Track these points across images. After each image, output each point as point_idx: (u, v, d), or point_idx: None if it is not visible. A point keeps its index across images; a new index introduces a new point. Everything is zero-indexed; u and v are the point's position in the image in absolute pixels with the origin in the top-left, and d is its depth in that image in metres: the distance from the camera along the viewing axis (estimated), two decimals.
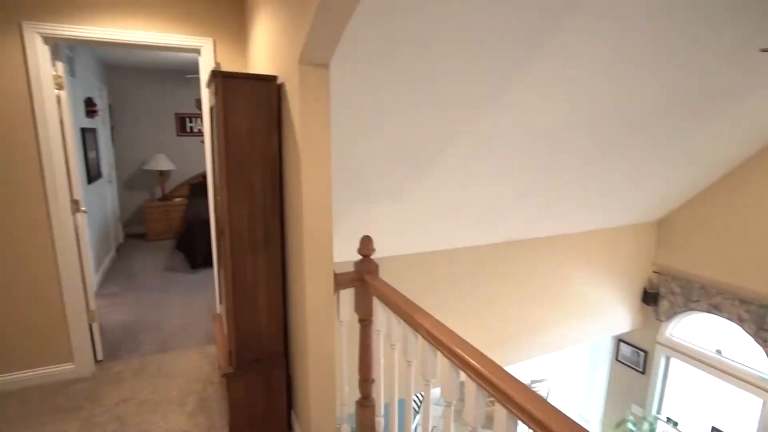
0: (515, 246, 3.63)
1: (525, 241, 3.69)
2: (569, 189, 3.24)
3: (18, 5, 2.33)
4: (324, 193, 1.69)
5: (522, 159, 2.82)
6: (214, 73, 1.74)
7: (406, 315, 1.51)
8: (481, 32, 2.10)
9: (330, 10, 1.34)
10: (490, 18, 2.06)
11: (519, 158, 2.79)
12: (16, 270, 2.57)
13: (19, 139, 2.44)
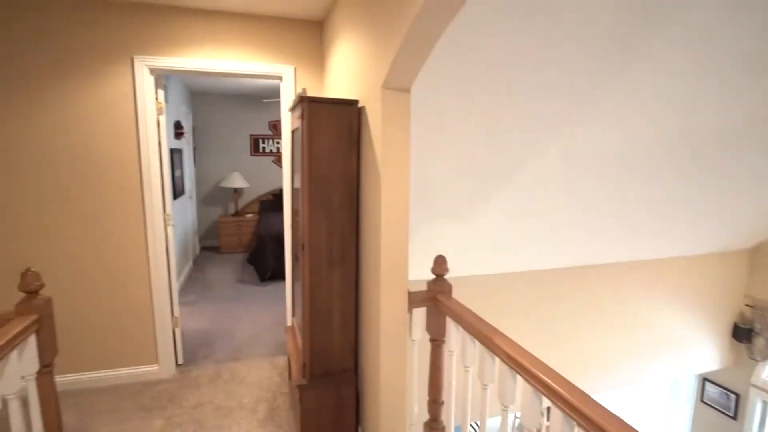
0: (587, 271, 3.47)
1: (598, 266, 3.52)
2: (650, 213, 3.07)
3: (131, 42, 2.64)
4: (402, 213, 1.73)
5: (598, 181, 2.72)
6: (300, 98, 1.86)
7: (484, 337, 1.49)
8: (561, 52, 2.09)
9: (416, 38, 1.40)
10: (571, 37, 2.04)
11: (595, 180, 2.70)
12: (116, 276, 2.84)
13: (125, 158, 2.73)
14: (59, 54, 2.55)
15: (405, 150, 1.70)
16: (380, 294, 1.77)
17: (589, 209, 2.91)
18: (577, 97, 2.33)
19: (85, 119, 2.64)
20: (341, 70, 2.42)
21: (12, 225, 2.63)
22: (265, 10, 2.73)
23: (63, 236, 2.71)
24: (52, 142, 2.61)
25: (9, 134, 2.54)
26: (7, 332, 1.47)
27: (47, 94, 2.56)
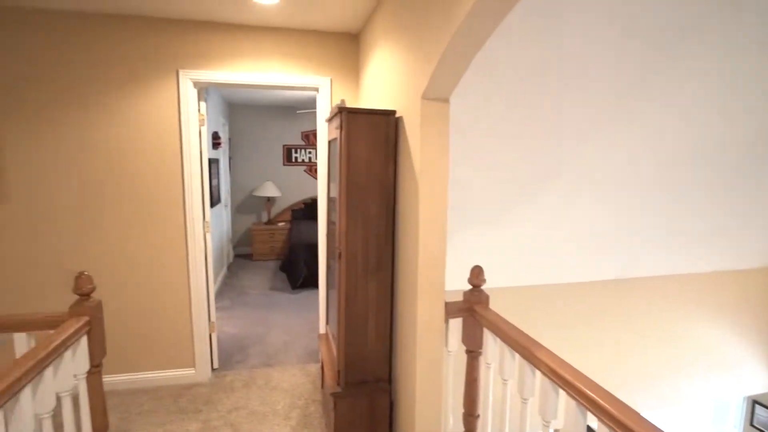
0: (627, 284, 3.35)
1: (639, 279, 3.40)
2: (695, 224, 2.95)
3: (176, 56, 2.76)
4: (440, 223, 1.73)
5: (639, 190, 2.64)
6: (339, 109, 1.89)
7: (524, 350, 1.47)
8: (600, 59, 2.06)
9: (457, 49, 1.41)
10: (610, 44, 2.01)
11: (636, 189, 2.63)
12: (158, 281, 2.94)
13: (169, 167, 2.84)
14: (111, 68, 2.69)
15: (444, 160, 1.71)
16: (417, 303, 1.77)
17: (629, 220, 2.83)
18: (619, 105, 2.29)
19: (133, 129, 2.77)
20: (377, 81, 2.45)
21: (63, 229, 2.77)
22: (303, 24, 2.81)
23: (109, 241, 2.84)
24: (103, 151, 2.75)
25: (64, 143, 2.69)
26: (63, 331, 1.55)
27: (99, 106, 2.71)
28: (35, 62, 2.61)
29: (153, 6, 2.50)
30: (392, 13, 2.07)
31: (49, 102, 2.65)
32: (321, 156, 3.04)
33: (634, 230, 2.90)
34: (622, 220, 2.81)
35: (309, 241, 5.34)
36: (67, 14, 2.60)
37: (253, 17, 2.68)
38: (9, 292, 2.76)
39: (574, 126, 2.29)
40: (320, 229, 3.12)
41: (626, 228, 2.87)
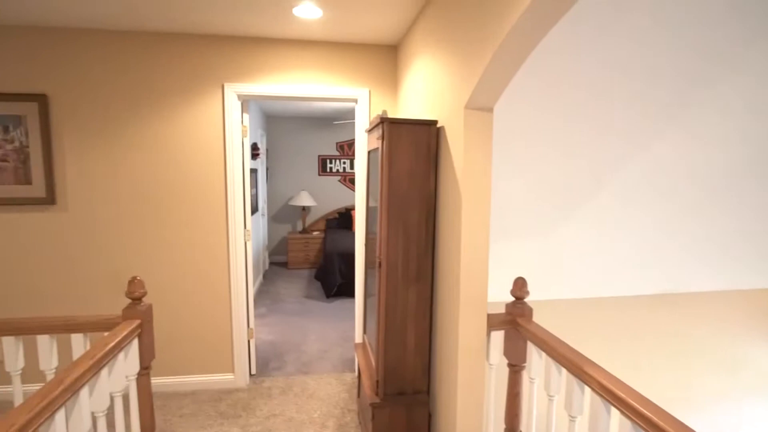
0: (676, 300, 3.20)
1: (684, 295, 3.24)
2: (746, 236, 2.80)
3: (222, 71, 2.87)
4: (482, 234, 1.71)
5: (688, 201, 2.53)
6: (381, 119, 1.91)
7: (572, 365, 1.42)
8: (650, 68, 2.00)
9: (503, 59, 1.40)
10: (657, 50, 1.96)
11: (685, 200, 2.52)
12: (201, 287, 3.03)
13: (213, 176, 2.94)
14: (162, 82, 2.82)
15: (486, 170, 1.69)
16: (459, 315, 1.74)
17: (676, 233, 2.71)
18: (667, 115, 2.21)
19: (181, 141, 2.89)
20: (417, 91, 2.46)
21: (114, 235, 2.90)
22: (343, 37, 2.87)
23: (156, 248, 2.95)
24: (152, 161, 2.88)
25: (117, 154, 2.84)
26: (117, 334, 1.61)
27: (150, 119, 2.84)
28: (92, 78, 2.77)
29: (202, 24, 2.61)
30: (434, 24, 2.08)
31: (104, 116, 2.81)
32: (359, 166, 3.08)
33: (682, 243, 2.78)
34: (668, 232, 2.70)
35: (343, 250, 5.39)
36: (122, 34, 2.75)
37: (295, 31, 2.75)
38: (63, 293, 2.91)
39: (619, 136, 2.23)
40: (357, 239, 3.14)
41: (672, 241, 2.76)
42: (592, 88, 2.01)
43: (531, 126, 2.07)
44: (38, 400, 1.15)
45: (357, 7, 2.32)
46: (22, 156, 2.74)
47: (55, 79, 2.74)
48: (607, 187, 2.37)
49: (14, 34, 2.67)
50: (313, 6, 2.30)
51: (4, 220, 2.80)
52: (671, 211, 2.57)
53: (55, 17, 2.51)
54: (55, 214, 2.84)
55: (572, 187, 2.28)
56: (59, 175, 2.81)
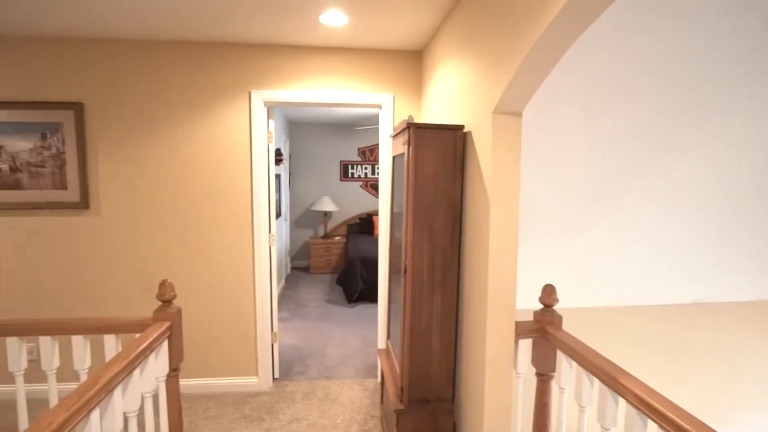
0: (709, 309, 3.08)
1: (720, 304, 3.12)
2: None
3: (249, 79, 2.93)
4: (511, 240, 1.69)
5: (722, 207, 2.45)
6: (407, 125, 1.91)
7: (605, 375, 1.38)
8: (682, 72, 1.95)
9: (535, 62, 1.38)
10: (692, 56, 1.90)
11: (718, 206, 2.43)
12: (227, 291, 3.08)
13: (240, 181, 2.99)
14: (191, 90, 2.90)
15: (515, 176, 1.67)
16: (487, 322, 1.72)
17: (708, 240, 2.62)
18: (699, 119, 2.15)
19: (209, 147, 2.95)
20: (442, 97, 2.46)
21: (142, 238, 2.98)
22: (367, 43, 2.88)
23: (182, 251, 3.01)
24: (181, 166, 2.94)
25: (146, 159, 2.92)
26: (148, 335, 1.65)
27: (179, 125, 2.91)
28: (125, 86, 2.86)
29: (231, 33, 2.67)
30: (461, 28, 2.08)
31: (135, 122, 2.89)
32: (383, 171, 3.08)
33: (718, 250, 2.68)
34: (704, 239, 2.61)
35: (365, 256, 5.39)
36: (154, 43, 2.84)
37: (320, 38, 2.79)
38: (93, 293, 2.99)
39: (653, 139, 2.17)
40: (381, 244, 3.13)
41: (708, 248, 2.66)
42: (625, 89, 1.97)
43: (559, 127, 2.04)
44: (75, 399, 1.18)
45: (383, 14, 2.33)
46: (58, 162, 2.84)
47: (90, 88, 2.83)
48: (639, 191, 2.31)
49: (54, 46, 2.78)
50: (339, 13, 2.32)
51: (41, 223, 2.90)
52: (706, 218, 2.49)
53: (92, 29, 2.61)
54: (88, 217, 2.93)
55: (602, 191, 2.23)
56: (92, 181, 2.90)
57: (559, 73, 1.89)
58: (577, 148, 2.07)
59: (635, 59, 1.90)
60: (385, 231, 3.08)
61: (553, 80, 1.89)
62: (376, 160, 7.25)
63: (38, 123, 2.81)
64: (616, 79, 1.94)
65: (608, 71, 1.90)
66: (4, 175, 2.82)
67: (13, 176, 2.83)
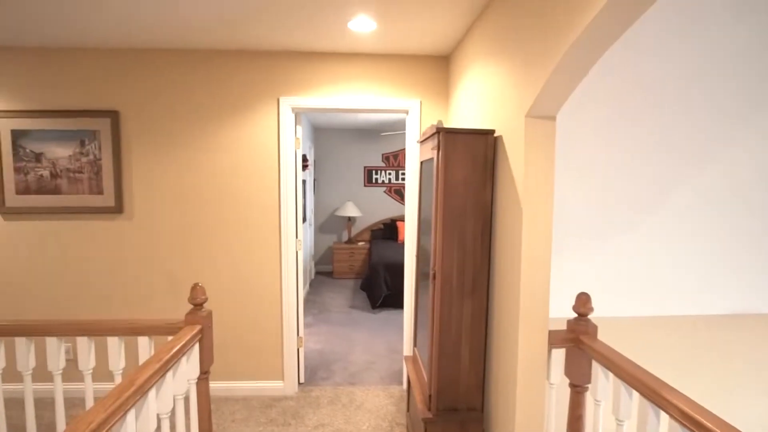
0: (750, 322, 2.94)
1: (761, 316, 2.97)
2: None
3: (278, 85, 2.97)
4: (544, 247, 1.65)
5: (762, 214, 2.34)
6: (437, 129, 1.89)
7: (646, 388, 1.32)
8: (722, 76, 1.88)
9: (570, 65, 1.35)
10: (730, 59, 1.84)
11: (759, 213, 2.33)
12: (254, 295, 3.11)
13: (268, 187, 3.03)
14: (222, 97, 2.96)
15: (549, 181, 1.63)
16: (519, 331, 1.68)
17: (750, 248, 2.50)
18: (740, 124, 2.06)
19: (238, 153, 3.00)
20: (470, 101, 2.43)
21: (173, 242, 3.04)
22: (394, 49, 2.89)
23: (212, 255, 3.07)
24: (211, 172, 3.00)
25: (178, 165, 2.99)
26: (181, 338, 1.67)
27: (210, 132, 2.98)
28: (158, 94, 2.94)
29: (261, 41, 2.71)
30: (492, 31, 2.05)
31: (167, 129, 2.97)
32: (410, 177, 3.07)
33: (757, 260, 2.56)
34: (742, 247, 2.50)
35: (389, 262, 5.38)
36: (187, 52, 2.91)
37: (348, 45, 2.81)
38: (124, 295, 3.07)
39: (690, 143, 2.09)
40: (407, 250, 3.12)
41: (747, 257, 2.54)
42: (661, 94, 1.91)
43: (592, 132, 1.99)
44: (112, 399, 1.20)
45: (412, 19, 2.33)
46: (95, 168, 2.94)
47: (126, 96, 2.93)
48: (675, 197, 2.23)
49: (92, 56, 2.89)
50: (367, 19, 2.33)
51: (78, 227, 3.00)
52: (745, 225, 2.38)
53: (129, 40, 2.69)
54: (122, 222, 3.02)
55: (635, 197, 2.16)
56: (126, 186, 2.98)
57: (592, 76, 1.85)
58: (610, 153, 2.02)
59: (672, 63, 1.85)
60: (411, 237, 3.06)
61: (587, 83, 1.85)
62: (400, 166, 7.25)
63: (77, 131, 2.91)
64: (652, 83, 1.89)
65: (644, 75, 1.85)
66: (45, 180, 2.94)
67: (54, 182, 2.94)
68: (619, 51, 1.69)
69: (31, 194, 2.94)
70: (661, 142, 2.09)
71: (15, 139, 2.90)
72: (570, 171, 2.02)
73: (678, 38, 1.84)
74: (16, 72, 2.89)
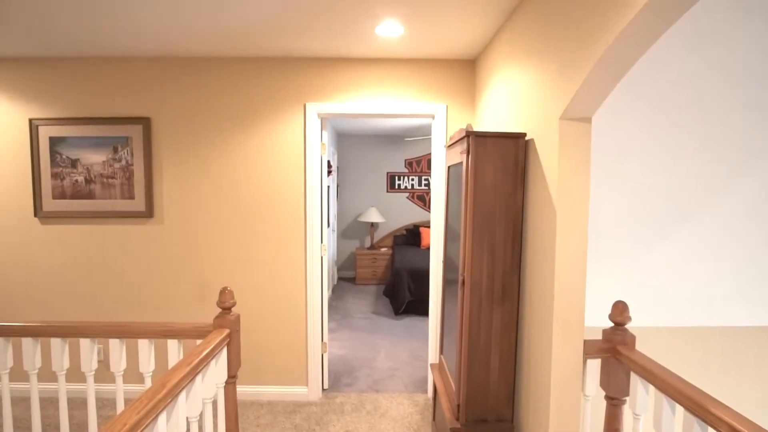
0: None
1: None
2: None
3: (304, 91, 2.99)
4: (579, 253, 1.59)
5: None
6: (467, 133, 1.86)
7: (692, 403, 1.25)
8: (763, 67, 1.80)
9: (609, 65, 1.31)
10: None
11: None
12: (280, 300, 3.12)
13: (294, 191, 3.05)
14: (250, 104, 3.00)
15: (584, 186, 1.58)
16: (553, 340, 1.62)
17: None
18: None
19: (265, 159, 3.03)
20: (499, 105, 2.39)
21: (202, 247, 3.08)
22: (421, 54, 2.88)
23: (238, 260, 3.09)
24: (238, 178, 3.04)
25: (207, 171, 3.03)
26: (210, 341, 1.68)
27: (238, 139, 3.02)
28: (188, 101, 3.00)
29: (289, 47, 2.74)
30: (523, 32, 2.02)
31: (196, 136, 3.02)
32: (436, 182, 3.04)
33: None
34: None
35: (413, 268, 5.34)
36: (216, 59, 2.96)
37: (374, 50, 2.81)
38: (153, 298, 3.12)
39: (729, 149, 2.00)
40: (433, 256, 3.08)
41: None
42: (701, 97, 1.84)
43: (628, 135, 1.92)
44: (145, 402, 1.20)
45: (439, 23, 2.31)
46: (127, 173, 3.01)
47: (157, 103, 3.00)
48: (714, 205, 2.14)
49: (125, 65, 2.97)
50: (395, 23, 2.32)
51: (110, 231, 3.07)
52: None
53: (161, 49, 2.76)
54: (152, 226, 3.08)
55: (674, 204, 2.07)
56: (157, 191, 3.04)
57: (629, 76, 1.79)
58: (647, 158, 1.94)
59: (715, 63, 1.77)
60: (437, 242, 3.03)
61: (623, 83, 1.80)
62: (423, 171, 7.22)
63: (110, 137, 2.99)
64: (692, 85, 1.82)
65: (685, 77, 1.78)
66: (80, 185, 3.02)
67: (88, 187, 3.02)
68: (659, 49, 1.64)
69: (67, 199, 3.03)
70: (701, 147, 2.00)
71: (52, 145, 3.00)
72: (603, 175, 1.95)
73: (722, 37, 1.77)
74: (54, 81, 2.99)
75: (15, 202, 3.07)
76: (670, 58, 1.77)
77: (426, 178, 7.23)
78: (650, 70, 1.71)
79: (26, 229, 3.09)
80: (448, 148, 2.37)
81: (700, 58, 1.85)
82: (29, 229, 3.09)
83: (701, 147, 2.02)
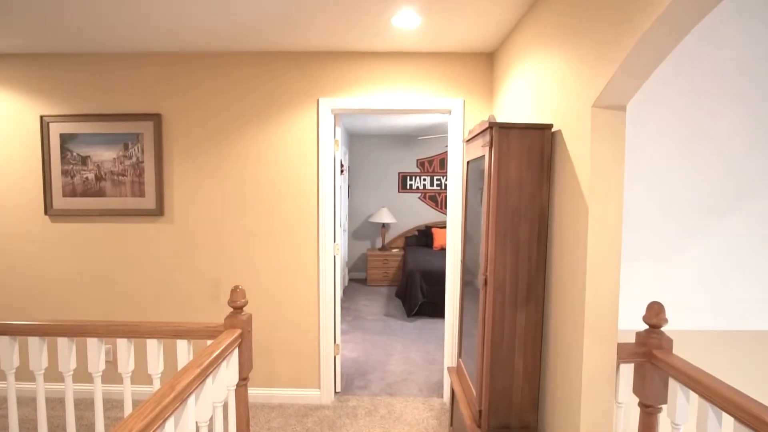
0: None
1: None
2: None
3: (317, 86, 2.92)
4: (613, 250, 1.49)
5: None
6: (490, 125, 1.77)
7: (744, 413, 1.15)
8: None
9: (651, 45, 1.21)
10: None
11: None
12: (292, 301, 3.04)
13: (306, 189, 2.98)
14: (262, 99, 2.93)
15: (618, 178, 1.48)
16: (584, 344, 1.52)
17: None
18: None
19: (278, 155, 2.96)
20: (519, 97, 2.30)
21: (213, 246, 3.02)
22: (436, 47, 2.79)
23: (249, 259, 3.03)
24: (250, 177, 2.97)
25: (218, 170, 2.97)
26: (220, 342, 1.60)
27: (249, 136, 2.95)
28: (199, 97, 2.94)
29: (302, 41, 2.67)
30: (547, 22, 1.92)
31: (208, 132, 2.96)
32: (453, 179, 2.94)
33: None
34: None
35: (425, 269, 5.24)
36: (227, 55, 2.91)
37: (389, 44, 2.73)
38: (163, 297, 3.06)
39: None
40: (450, 256, 2.98)
41: None
42: (744, 86, 1.73)
43: (664, 126, 1.81)
44: (152, 406, 1.13)
45: (458, 12, 2.22)
46: (137, 171, 2.96)
47: (168, 99, 2.95)
48: (753, 202, 2.01)
49: (136, 61, 2.93)
50: (412, 13, 2.24)
51: (120, 230, 3.03)
52: None
53: (172, 45, 2.71)
54: (163, 224, 3.02)
55: (712, 200, 1.96)
56: (168, 189, 2.99)
57: (665, 64, 1.69)
58: (684, 151, 1.83)
59: (757, 52, 1.66)
60: (454, 242, 2.93)
61: (659, 71, 1.69)
62: (435, 171, 7.12)
63: (121, 134, 2.95)
64: (734, 74, 1.71)
65: (725, 65, 1.67)
66: (90, 183, 2.98)
67: (98, 184, 2.98)
68: (698, 35, 1.53)
69: (77, 197, 2.99)
70: (741, 140, 1.89)
71: (63, 142, 2.96)
72: (637, 171, 1.85)
73: (763, 22, 1.66)
74: (65, 78, 2.96)
75: (25, 199, 3.04)
76: (709, 41, 1.66)
77: (438, 178, 7.13)
78: (689, 53, 1.60)
79: (36, 227, 3.05)
80: (468, 142, 2.28)
81: (742, 41, 1.74)
82: (39, 226, 3.05)
83: (744, 138, 1.89)
